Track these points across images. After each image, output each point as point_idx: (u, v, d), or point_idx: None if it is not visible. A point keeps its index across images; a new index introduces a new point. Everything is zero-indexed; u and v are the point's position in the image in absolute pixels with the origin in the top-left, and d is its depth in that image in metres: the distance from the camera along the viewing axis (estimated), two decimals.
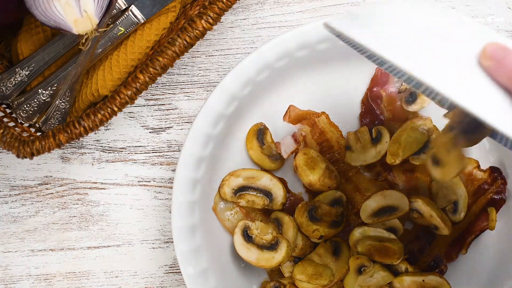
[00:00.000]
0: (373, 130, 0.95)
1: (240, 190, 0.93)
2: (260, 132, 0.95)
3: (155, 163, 0.99)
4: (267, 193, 0.93)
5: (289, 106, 0.93)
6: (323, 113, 0.93)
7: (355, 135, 0.94)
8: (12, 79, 0.92)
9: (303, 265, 0.90)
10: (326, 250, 0.93)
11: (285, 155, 0.93)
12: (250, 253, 0.91)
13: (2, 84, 0.92)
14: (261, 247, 0.91)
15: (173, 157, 0.99)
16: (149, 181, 0.99)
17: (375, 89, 0.95)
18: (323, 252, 0.92)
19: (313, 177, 0.91)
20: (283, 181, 0.95)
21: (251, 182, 0.93)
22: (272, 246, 0.91)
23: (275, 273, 0.95)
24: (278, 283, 0.92)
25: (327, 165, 0.92)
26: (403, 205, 0.91)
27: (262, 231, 0.92)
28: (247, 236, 0.91)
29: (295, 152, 0.93)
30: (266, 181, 0.93)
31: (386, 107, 0.95)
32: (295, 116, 0.93)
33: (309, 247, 0.93)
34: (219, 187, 0.94)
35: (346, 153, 0.94)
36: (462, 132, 0.70)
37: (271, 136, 0.95)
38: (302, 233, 0.93)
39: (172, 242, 0.98)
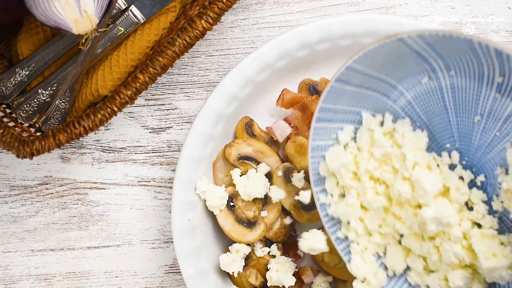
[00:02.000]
0: None
1: (245, 158, 0.93)
2: (248, 125, 0.94)
3: (155, 163, 0.99)
4: (267, 173, 0.93)
5: (283, 89, 0.94)
6: (316, 96, 0.93)
7: None
8: (12, 79, 0.92)
9: None
10: None
11: (280, 139, 0.93)
12: (226, 220, 0.91)
13: (2, 84, 0.92)
14: (239, 220, 0.91)
15: (173, 157, 0.99)
16: (149, 181, 0.99)
17: None
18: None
19: (305, 163, 0.92)
20: None
21: (258, 156, 0.93)
22: (249, 224, 0.91)
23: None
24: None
25: None
26: None
27: (246, 205, 0.92)
28: (231, 204, 0.92)
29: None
30: (272, 161, 0.93)
31: None
32: (288, 100, 0.93)
33: (283, 234, 0.93)
34: (227, 145, 0.93)
35: None
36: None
37: (258, 126, 0.95)
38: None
39: (172, 242, 0.98)
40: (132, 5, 0.92)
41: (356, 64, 0.78)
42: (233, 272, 0.91)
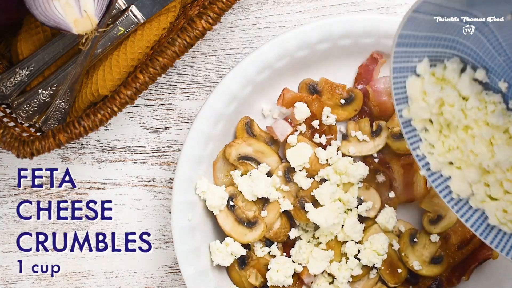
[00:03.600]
0: (374, 123, 0.95)
1: (245, 158, 0.93)
2: (248, 125, 0.94)
3: (155, 163, 0.99)
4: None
5: (283, 89, 0.94)
6: (317, 96, 0.93)
7: (356, 124, 0.94)
8: (12, 79, 0.92)
9: None
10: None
11: (281, 138, 0.93)
12: (226, 220, 0.92)
13: (2, 84, 0.92)
14: (239, 220, 0.91)
15: (173, 157, 0.99)
16: (149, 181, 0.99)
17: (359, 87, 0.95)
18: None
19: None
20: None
21: (258, 156, 0.93)
22: (249, 224, 0.91)
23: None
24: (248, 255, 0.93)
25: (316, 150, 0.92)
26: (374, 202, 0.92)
27: (246, 205, 0.92)
28: (231, 204, 0.92)
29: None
30: (272, 161, 0.93)
31: (373, 103, 0.95)
32: (289, 99, 0.93)
33: (283, 234, 0.93)
34: (227, 145, 0.93)
35: (342, 142, 0.94)
36: None
37: (258, 126, 0.95)
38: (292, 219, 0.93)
39: (172, 242, 0.98)
40: (132, 5, 0.92)
41: None
42: (212, 262, 0.91)
